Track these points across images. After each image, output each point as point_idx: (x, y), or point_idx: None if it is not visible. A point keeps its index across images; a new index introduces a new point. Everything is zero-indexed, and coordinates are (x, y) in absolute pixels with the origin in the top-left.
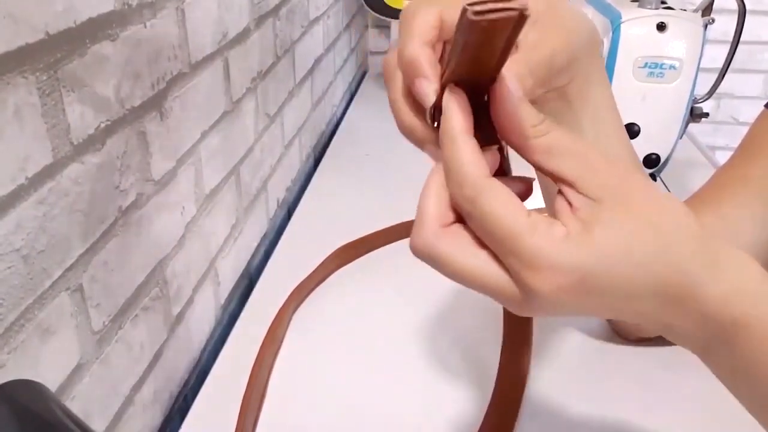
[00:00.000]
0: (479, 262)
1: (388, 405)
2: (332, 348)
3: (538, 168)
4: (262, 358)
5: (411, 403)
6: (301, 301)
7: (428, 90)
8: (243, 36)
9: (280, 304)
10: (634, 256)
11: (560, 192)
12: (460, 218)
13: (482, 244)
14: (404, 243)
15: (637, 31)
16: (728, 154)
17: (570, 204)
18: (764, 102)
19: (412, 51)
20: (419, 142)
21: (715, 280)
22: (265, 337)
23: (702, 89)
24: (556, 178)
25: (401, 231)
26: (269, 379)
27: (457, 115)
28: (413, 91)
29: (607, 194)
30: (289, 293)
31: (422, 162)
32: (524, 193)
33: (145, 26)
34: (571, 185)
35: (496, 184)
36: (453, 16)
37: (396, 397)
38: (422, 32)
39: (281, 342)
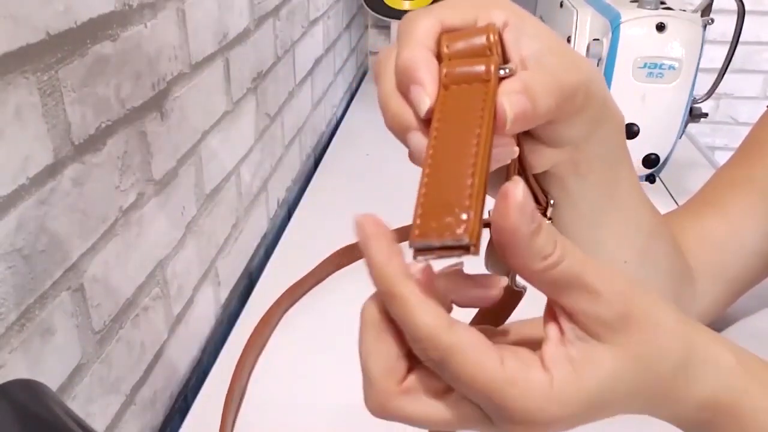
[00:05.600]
0: (448, 411)
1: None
2: (320, 350)
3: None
4: (245, 359)
5: None
6: (294, 302)
7: (422, 97)
8: (243, 36)
9: None
10: (619, 393)
11: (552, 311)
12: (413, 358)
13: (446, 387)
14: (404, 246)
15: (636, 31)
16: (727, 154)
17: (561, 331)
18: (764, 102)
19: (410, 53)
20: (406, 129)
21: (697, 390)
22: (250, 337)
23: (701, 89)
24: (554, 302)
25: (401, 235)
26: (249, 379)
27: (412, 289)
28: (408, 99)
29: (605, 331)
30: None
31: None
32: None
33: (146, 27)
34: (569, 315)
35: (463, 341)
36: (456, 21)
37: None
38: (421, 37)
39: (266, 342)
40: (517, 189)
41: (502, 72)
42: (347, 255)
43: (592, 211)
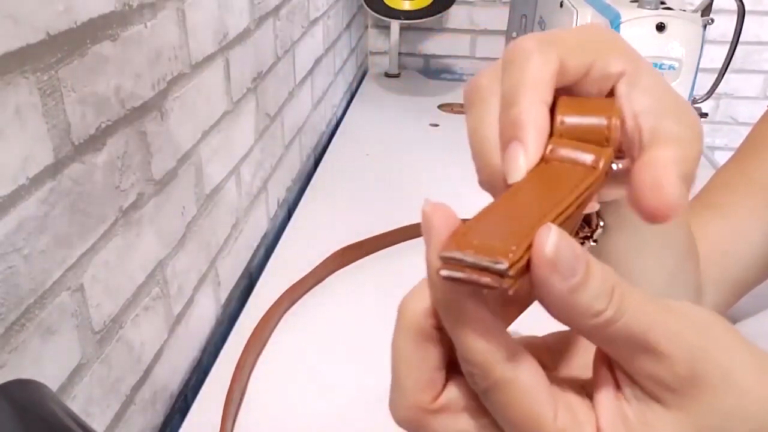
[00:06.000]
0: None
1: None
2: (320, 350)
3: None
4: (245, 359)
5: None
6: (294, 302)
7: (519, 160)
8: (243, 36)
9: None
10: None
11: (606, 357)
12: (454, 364)
13: (483, 407)
14: (405, 246)
15: (636, 31)
16: (727, 154)
17: (616, 384)
18: (764, 102)
19: (524, 111)
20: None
21: None
22: (250, 337)
23: (701, 89)
24: (614, 361)
25: (402, 234)
26: (249, 379)
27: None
28: (504, 152)
29: (667, 395)
30: None
31: (422, 162)
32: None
33: (146, 27)
34: (626, 374)
35: (518, 381)
36: (576, 63)
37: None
38: (541, 86)
39: (266, 342)
40: (548, 239)
41: (614, 167)
42: (347, 255)
43: (636, 234)
